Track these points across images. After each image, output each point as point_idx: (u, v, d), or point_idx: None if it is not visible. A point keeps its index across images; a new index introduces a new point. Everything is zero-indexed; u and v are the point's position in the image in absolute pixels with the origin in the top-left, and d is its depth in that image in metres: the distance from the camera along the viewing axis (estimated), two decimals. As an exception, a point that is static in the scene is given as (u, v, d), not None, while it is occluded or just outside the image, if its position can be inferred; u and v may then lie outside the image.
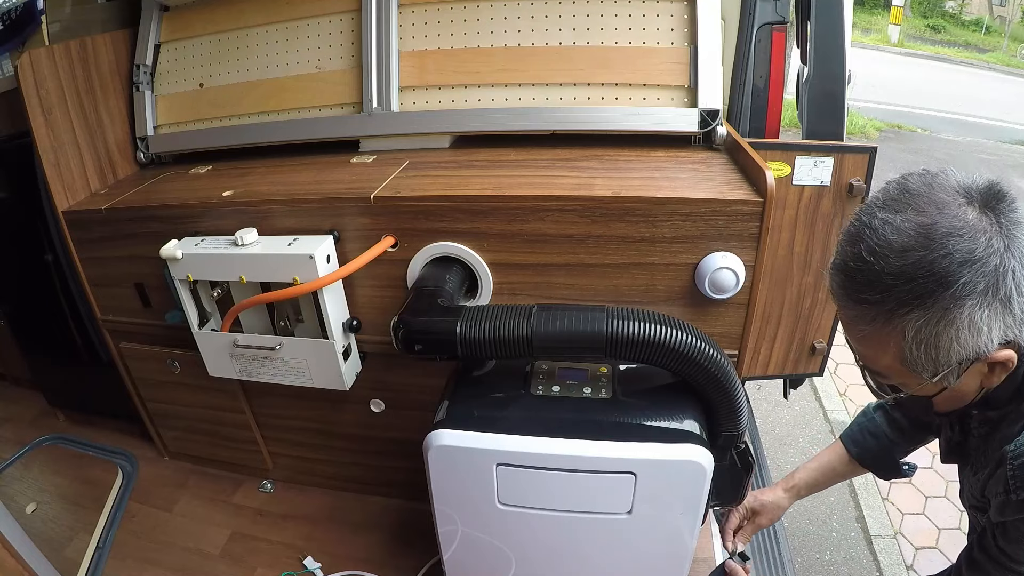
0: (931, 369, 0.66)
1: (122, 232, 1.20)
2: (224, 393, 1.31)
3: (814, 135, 1.33)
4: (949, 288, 0.60)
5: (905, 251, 0.62)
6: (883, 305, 0.64)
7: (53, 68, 1.22)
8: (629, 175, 1.06)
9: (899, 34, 12.38)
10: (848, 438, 1.15)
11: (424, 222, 1.03)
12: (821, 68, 1.31)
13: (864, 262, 0.64)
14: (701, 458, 0.81)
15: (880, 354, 0.69)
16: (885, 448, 1.11)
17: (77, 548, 1.27)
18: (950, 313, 0.61)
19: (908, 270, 0.61)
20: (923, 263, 0.60)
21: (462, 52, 1.23)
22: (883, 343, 0.67)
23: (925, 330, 0.63)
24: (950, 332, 0.62)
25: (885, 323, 0.65)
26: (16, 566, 0.93)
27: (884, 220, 0.64)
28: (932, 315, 0.62)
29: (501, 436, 0.83)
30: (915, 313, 0.62)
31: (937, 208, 0.62)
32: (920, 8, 14.95)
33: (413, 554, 1.22)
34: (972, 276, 0.59)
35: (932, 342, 0.63)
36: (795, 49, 1.49)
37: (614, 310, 0.81)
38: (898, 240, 0.62)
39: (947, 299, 0.60)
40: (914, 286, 0.61)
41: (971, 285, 0.60)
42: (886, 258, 0.62)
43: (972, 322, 0.61)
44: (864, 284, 0.65)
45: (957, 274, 0.60)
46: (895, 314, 0.63)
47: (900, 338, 0.65)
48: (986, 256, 0.60)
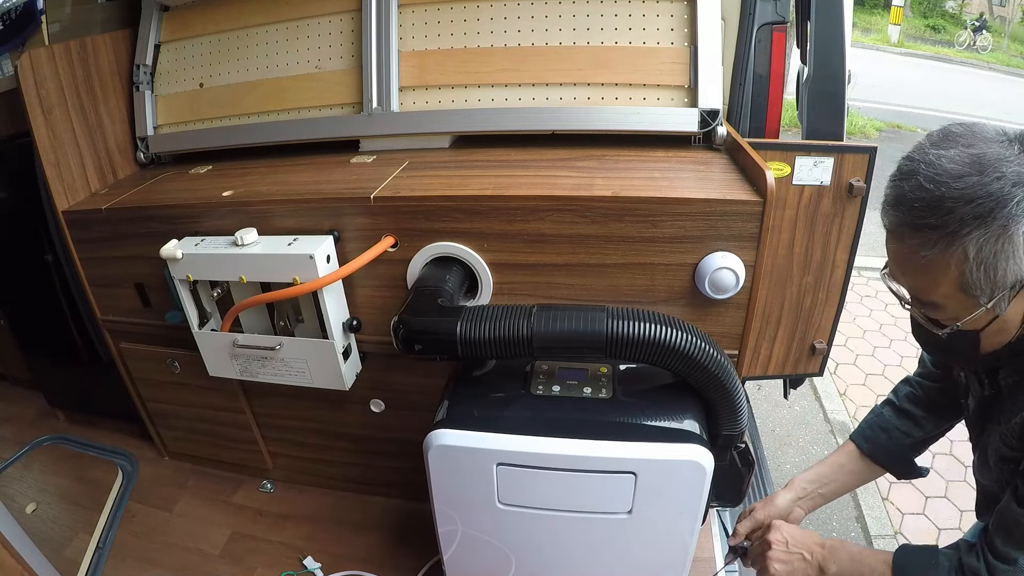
0: (988, 292, 0.70)
1: (122, 232, 1.20)
2: (224, 393, 1.31)
3: (814, 135, 1.33)
4: (1006, 206, 0.65)
5: (962, 176, 0.66)
6: (946, 228, 0.67)
7: (53, 68, 1.21)
8: (629, 175, 1.06)
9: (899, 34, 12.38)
10: (859, 435, 1.13)
11: (424, 222, 1.03)
12: (821, 68, 1.31)
13: (924, 190, 0.68)
14: (701, 458, 0.81)
15: (939, 281, 0.72)
16: (896, 441, 1.09)
17: (77, 548, 1.28)
18: (1008, 230, 0.66)
19: (967, 192, 0.66)
20: (980, 185, 0.65)
21: (462, 52, 1.23)
22: (944, 268, 0.70)
23: (986, 248, 0.67)
24: (1008, 248, 0.66)
25: (947, 246, 0.68)
26: (16, 566, 0.93)
27: (938, 154, 0.69)
28: (992, 232, 0.66)
29: (501, 436, 0.83)
30: (976, 232, 0.66)
31: (984, 141, 0.68)
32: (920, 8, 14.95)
33: (413, 554, 1.22)
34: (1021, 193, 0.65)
35: (991, 261, 0.67)
36: (795, 49, 1.48)
37: (614, 310, 0.81)
38: (954, 167, 0.67)
39: (1004, 217, 0.65)
40: (974, 206, 0.66)
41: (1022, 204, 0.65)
42: (946, 184, 0.67)
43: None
44: (926, 209, 0.69)
45: (1011, 193, 0.65)
46: (957, 235, 0.67)
47: (962, 259, 0.68)
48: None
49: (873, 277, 3.88)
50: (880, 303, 3.67)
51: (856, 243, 1.37)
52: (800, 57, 1.44)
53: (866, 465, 1.12)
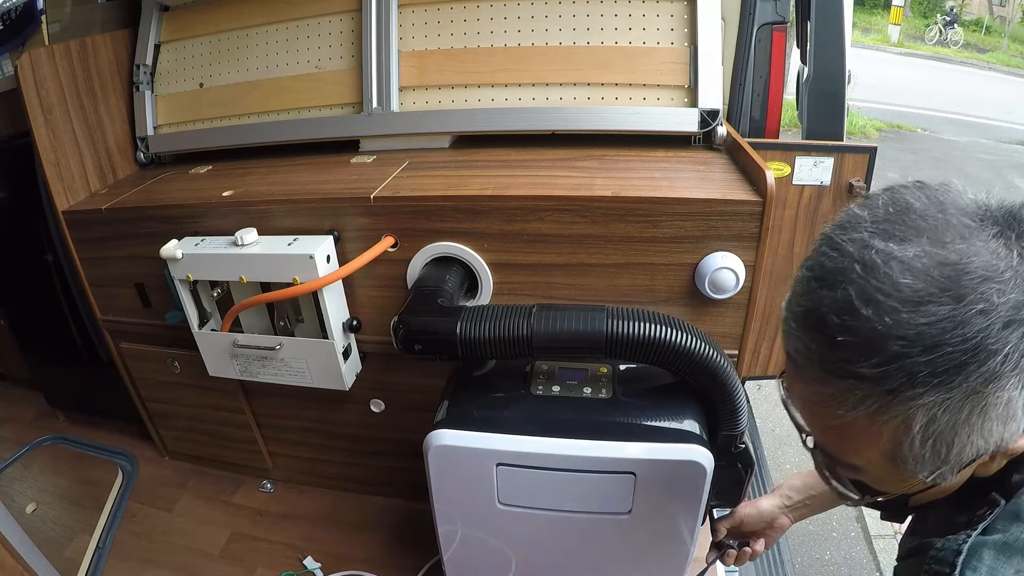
0: (931, 467, 0.48)
1: (122, 232, 1.20)
2: (224, 393, 1.31)
3: (814, 135, 1.33)
4: (987, 361, 0.41)
5: (922, 302, 0.42)
6: (883, 383, 0.44)
7: (53, 68, 1.21)
8: (629, 175, 1.06)
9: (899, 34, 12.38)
10: None
11: (424, 222, 1.03)
12: (821, 68, 1.31)
13: (856, 315, 0.43)
14: (701, 458, 0.81)
15: (858, 448, 0.51)
16: None
17: (77, 548, 1.28)
18: (983, 397, 0.43)
19: (930, 332, 0.41)
20: (952, 324, 0.41)
21: (462, 52, 1.23)
22: (871, 435, 0.48)
23: (943, 419, 0.44)
24: (976, 421, 0.44)
25: (881, 409, 0.45)
26: (16, 566, 0.93)
27: (887, 252, 0.44)
28: (956, 396, 0.43)
29: (501, 436, 0.83)
30: (932, 396, 0.43)
31: (962, 238, 0.43)
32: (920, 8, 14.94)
33: (413, 554, 1.22)
34: (1016, 341, 0.41)
35: (946, 435, 0.45)
36: (795, 49, 1.49)
37: (614, 310, 0.81)
38: (911, 283, 0.42)
39: (982, 375, 0.42)
40: (937, 357, 0.42)
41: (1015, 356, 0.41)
42: (895, 312, 0.42)
43: (1010, 408, 0.43)
44: (855, 349, 0.44)
45: (1000, 340, 0.41)
46: (900, 396, 0.44)
47: (901, 430, 0.46)
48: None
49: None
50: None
51: (856, 243, 1.36)
52: (800, 57, 1.44)
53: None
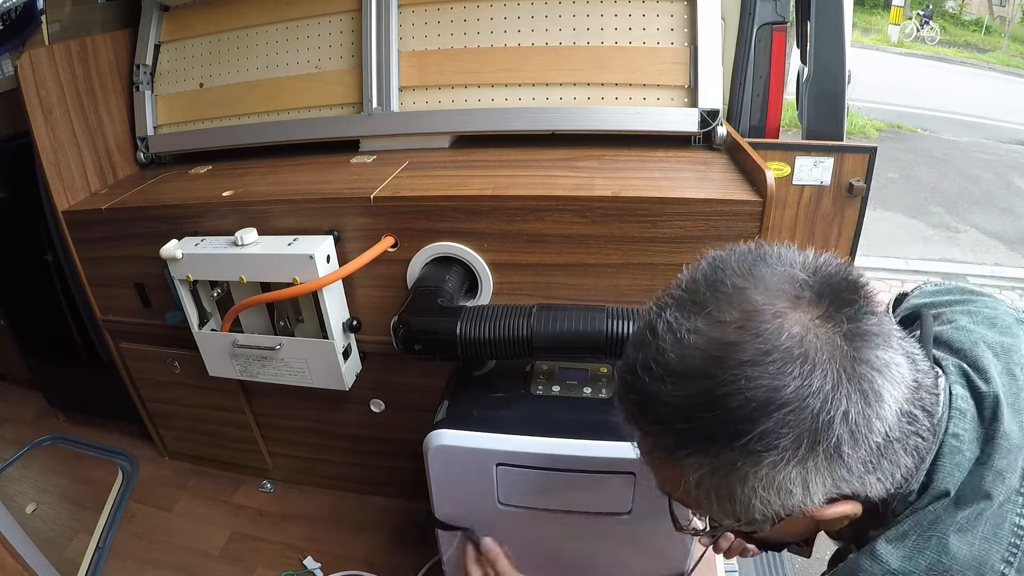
0: (730, 518, 0.50)
1: (122, 232, 1.20)
2: (224, 393, 1.31)
3: (814, 135, 1.33)
4: (739, 439, 0.43)
5: (685, 376, 0.45)
6: (658, 438, 0.48)
7: (53, 68, 1.22)
8: (629, 175, 1.06)
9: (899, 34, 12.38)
10: None
11: (424, 222, 1.03)
12: (821, 68, 1.31)
13: (637, 378, 0.47)
14: (701, 458, 0.81)
15: (670, 488, 0.54)
16: None
17: (77, 548, 1.28)
18: (740, 469, 0.45)
19: (687, 403, 0.45)
20: (708, 398, 0.43)
21: (462, 52, 1.23)
22: (667, 478, 0.52)
23: (711, 480, 0.46)
24: (745, 488, 0.46)
25: (663, 460, 0.50)
26: (16, 566, 0.93)
27: (669, 324, 0.47)
28: (718, 466, 0.45)
29: (501, 436, 0.83)
30: (695, 460, 0.46)
31: (744, 315, 0.44)
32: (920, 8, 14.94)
33: (413, 554, 1.22)
34: (774, 425, 0.42)
35: (724, 493, 0.47)
36: (795, 49, 1.49)
37: (614, 310, 0.81)
38: (678, 358, 0.45)
39: (735, 452, 0.44)
40: (694, 426, 0.45)
41: (771, 438, 0.43)
42: (661, 380, 0.46)
43: (774, 482, 0.45)
44: (636, 407, 0.49)
45: (751, 422, 0.42)
46: (673, 453, 0.47)
47: (681, 479, 0.48)
48: (799, 399, 0.42)
49: (874, 277, 3.88)
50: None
51: (856, 243, 1.37)
52: (800, 57, 1.44)
53: None
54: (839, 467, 0.45)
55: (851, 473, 0.46)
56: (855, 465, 0.46)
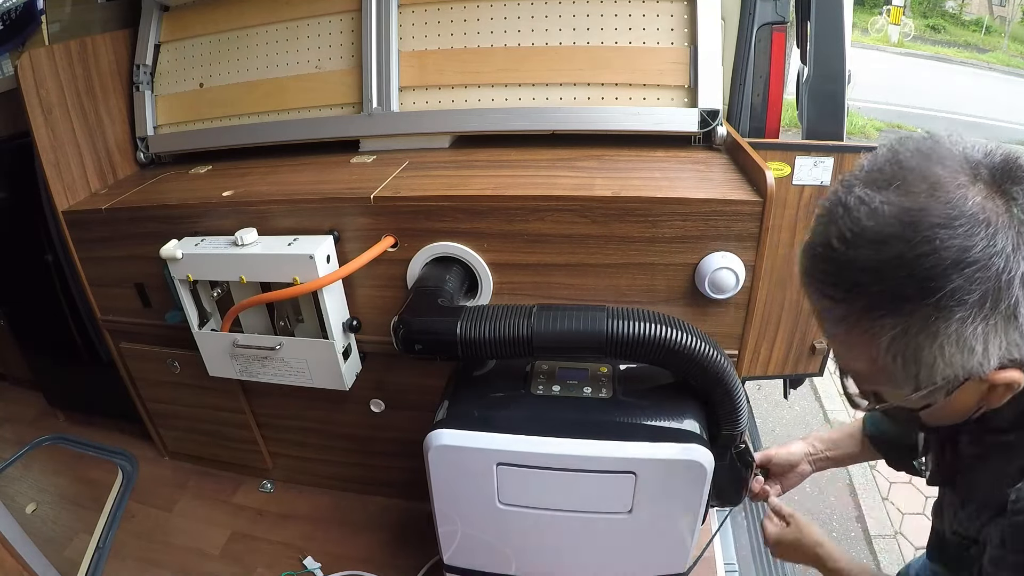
0: (911, 384, 0.54)
1: (122, 232, 1.20)
2: (224, 393, 1.31)
3: (814, 135, 1.33)
4: (932, 296, 0.47)
5: (881, 242, 0.49)
6: (851, 304, 0.52)
7: (53, 68, 1.21)
8: (629, 175, 1.06)
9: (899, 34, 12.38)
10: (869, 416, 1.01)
11: (424, 222, 1.03)
12: (821, 68, 1.31)
13: (832, 249, 0.52)
14: (701, 457, 0.81)
15: (852, 361, 0.58)
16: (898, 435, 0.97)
17: (77, 548, 1.28)
18: (932, 325, 0.49)
19: (882, 266, 0.49)
20: (903, 260, 0.48)
21: (462, 52, 1.23)
22: (853, 348, 0.56)
23: (901, 341, 0.51)
24: (932, 347, 0.50)
25: (854, 325, 0.53)
26: (16, 566, 0.93)
27: (861, 198, 0.51)
28: (910, 325, 0.50)
29: (501, 436, 0.83)
30: (889, 320, 0.50)
31: (930, 187, 0.49)
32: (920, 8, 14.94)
33: (413, 554, 1.22)
34: (964, 282, 0.47)
35: (910, 356, 0.51)
36: (795, 49, 1.49)
37: (614, 310, 0.81)
38: (874, 226, 0.49)
39: (928, 309, 0.48)
40: (889, 287, 0.49)
41: (961, 294, 0.47)
42: (857, 247, 0.50)
43: (961, 338, 0.49)
44: (830, 276, 0.53)
45: (944, 278, 0.47)
46: (865, 317, 0.52)
47: (870, 345, 0.53)
48: (986, 258, 0.46)
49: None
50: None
51: (856, 243, 1.36)
52: (800, 57, 1.44)
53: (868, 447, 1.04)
54: (1013, 329, 0.49)
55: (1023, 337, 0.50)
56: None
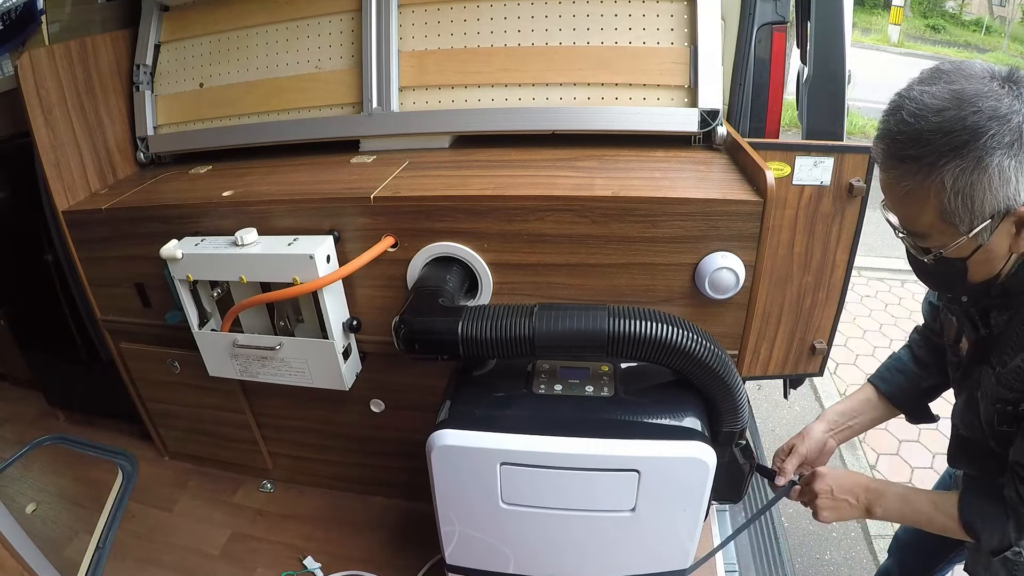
0: (968, 221, 0.73)
1: (122, 232, 1.20)
2: (224, 393, 1.31)
3: (814, 135, 1.33)
4: (980, 139, 0.68)
5: (941, 111, 0.70)
6: (924, 159, 0.71)
7: (53, 68, 1.21)
8: (629, 175, 1.06)
9: (899, 34, 12.38)
10: (877, 377, 1.17)
11: (424, 222, 1.03)
12: (821, 68, 1.31)
13: (906, 124, 0.72)
14: (704, 455, 0.81)
15: (922, 211, 0.76)
16: (912, 382, 1.13)
17: (77, 548, 1.27)
18: (982, 161, 0.69)
19: (944, 125, 0.69)
20: (957, 119, 0.69)
21: (462, 52, 1.23)
22: (924, 197, 0.74)
23: (962, 178, 0.70)
24: (983, 180, 0.70)
25: (926, 176, 0.72)
26: (16, 566, 0.93)
27: (921, 90, 0.72)
28: (967, 163, 0.69)
29: (504, 435, 0.83)
30: (952, 163, 0.70)
31: (966, 78, 0.71)
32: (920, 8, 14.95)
33: (413, 554, 1.22)
34: (999, 129, 0.68)
35: (968, 191, 0.71)
36: (795, 49, 1.49)
37: (616, 309, 0.81)
38: (934, 103, 0.70)
39: (979, 149, 0.68)
40: (950, 138, 0.69)
41: (998, 137, 0.68)
42: (925, 118, 0.71)
43: (1002, 170, 0.69)
44: (907, 142, 0.73)
45: (986, 127, 0.68)
46: (935, 166, 0.71)
47: (940, 189, 0.72)
48: (1010, 113, 0.68)
49: (873, 277, 3.88)
50: (880, 303, 3.66)
51: (856, 243, 1.37)
52: (800, 57, 1.44)
53: (884, 405, 1.16)
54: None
55: None
56: None
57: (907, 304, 3.62)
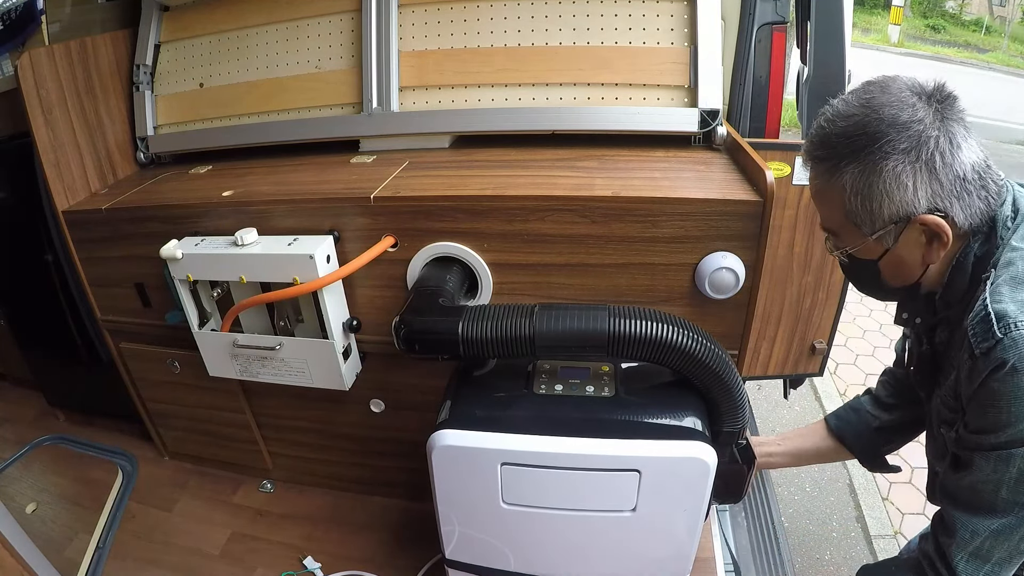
0: (869, 223, 0.76)
1: (122, 232, 1.20)
2: (224, 393, 1.31)
3: (814, 135, 1.33)
4: (876, 143, 0.72)
5: (848, 116, 0.74)
6: (829, 160, 0.76)
7: (53, 68, 1.21)
8: (629, 175, 1.06)
9: (899, 34, 12.38)
10: (832, 415, 1.16)
11: (424, 222, 1.03)
12: (821, 68, 1.31)
13: (820, 128, 0.78)
14: (705, 455, 0.81)
15: (831, 210, 0.80)
16: (864, 422, 1.11)
17: (77, 548, 1.27)
18: (877, 165, 0.72)
19: (848, 130, 0.74)
20: (859, 125, 0.73)
21: (462, 52, 1.23)
22: (831, 197, 0.79)
23: (860, 180, 0.74)
24: (879, 183, 0.73)
25: (830, 176, 0.77)
26: (16, 566, 0.93)
27: (841, 99, 0.77)
28: (864, 167, 0.73)
29: (505, 435, 0.83)
30: (852, 166, 0.74)
31: (883, 90, 0.74)
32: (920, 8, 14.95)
33: (413, 554, 1.22)
34: (896, 136, 0.71)
35: (866, 193, 0.74)
36: (795, 49, 1.49)
37: (616, 309, 0.81)
38: (845, 109, 0.75)
39: (874, 153, 0.72)
40: (851, 142, 0.73)
41: (894, 143, 0.71)
42: (834, 123, 0.76)
43: (896, 175, 0.72)
44: (817, 144, 0.78)
45: (884, 133, 0.71)
46: (837, 168, 0.75)
47: (842, 190, 0.76)
48: (910, 122, 0.71)
49: (873, 277, 3.88)
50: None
51: (856, 243, 1.36)
52: (800, 57, 1.44)
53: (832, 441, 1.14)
54: (934, 180, 0.72)
55: (943, 189, 0.72)
56: (945, 182, 0.72)
57: (907, 304, 3.62)
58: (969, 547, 0.77)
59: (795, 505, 2.31)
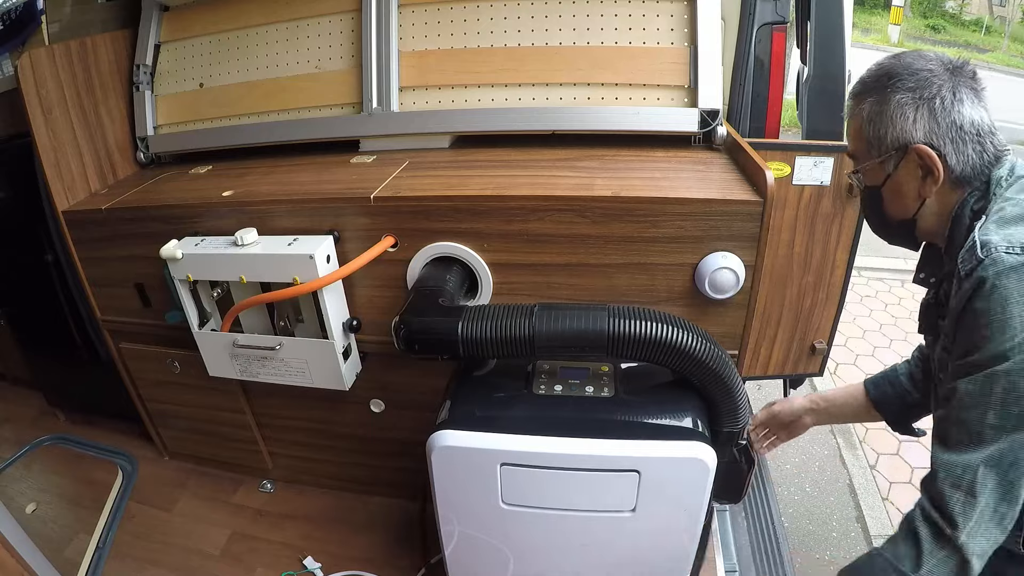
0: (877, 147, 0.88)
1: (122, 232, 1.20)
2: (224, 393, 1.31)
3: (814, 135, 1.33)
4: (891, 80, 0.85)
5: (881, 64, 0.89)
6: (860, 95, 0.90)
7: (53, 68, 1.22)
8: (629, 175, 1.06)
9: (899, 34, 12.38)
10: (870, 382, 1.20)
11: (424, 222, 1.03)
12: (821, 68, 1.31)
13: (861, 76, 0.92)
14: (704, 455, 0.81)
15: (855, 137, 0.93)
16: (900, 396, 1.16)
17: (77, 548, 1.27)
18: (887, 98, 0.85)
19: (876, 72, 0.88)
20: (885, 68, 0.88)
21: (462, 52, 1.23)
22: (856, 125, 0.92)
23: (874, 109, 0.87)
24: (886, 111, 0.86)
25: (856, 106, 0.91)
26: (16, 566, 0.93)
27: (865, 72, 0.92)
28: (879, 98, 0.86)
29: (505, 436, 0.83)
30: (871, 98, 0.88)
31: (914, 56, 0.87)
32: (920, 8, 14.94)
33: (413, 554, 1.23)
34: (908, 77, 0.84)
35: (877, 120, 0.87)
36: (795, 49, 1.49)
37: (616, 309, 0.81)
38: (882, 61, 0.89)
39: (888, 88, 0.85)
40: (876, 80, 0.88)
41: (904, 81, 0.84)
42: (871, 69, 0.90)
43: (900, 105, 0.84)
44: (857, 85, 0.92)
45: (899, 75, 0.85)
46: (863, 99, 0.89)
47: (862, 118, 0.89)
48: (922, 70, 0.84)
49: (873, 277, 3.88)
50: (880, 303, 3.66)
51: (856, 243, 1.37)
52: (800, 57, 1.44)
53: (869, 408, 1.19)
54: (932, 120, 0.83)
55: (939, 128, 0.83)
56: (942, 123, 0.83)
57: (907, 304, 3.61)
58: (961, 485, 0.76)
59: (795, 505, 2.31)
